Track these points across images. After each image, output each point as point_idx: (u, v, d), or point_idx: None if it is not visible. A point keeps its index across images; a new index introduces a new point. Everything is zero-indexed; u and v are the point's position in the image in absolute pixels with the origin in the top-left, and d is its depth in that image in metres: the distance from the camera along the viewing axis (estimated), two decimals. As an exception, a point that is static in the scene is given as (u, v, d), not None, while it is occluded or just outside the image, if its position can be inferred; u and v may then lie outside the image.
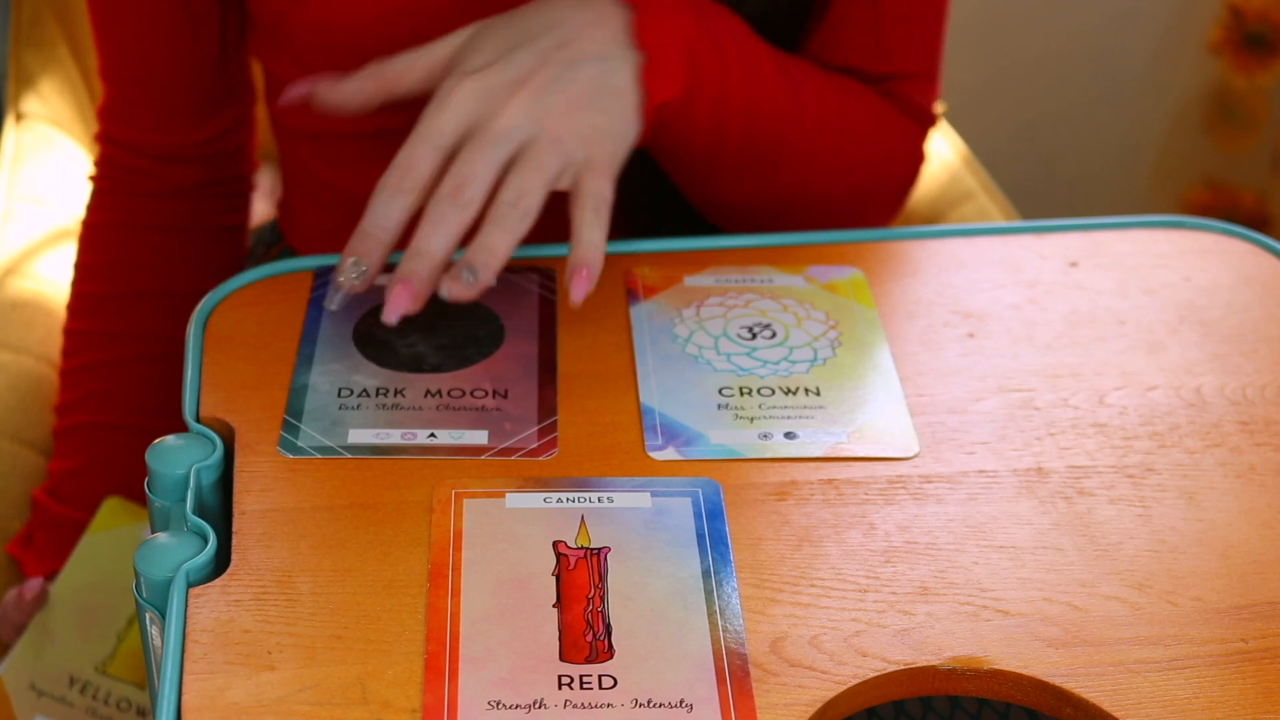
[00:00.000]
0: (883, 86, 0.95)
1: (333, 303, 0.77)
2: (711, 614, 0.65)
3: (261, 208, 1.18)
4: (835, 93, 0.91)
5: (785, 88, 0.88)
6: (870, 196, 0.96)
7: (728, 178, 0.90)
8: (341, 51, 0.89)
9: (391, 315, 0.75)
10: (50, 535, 0.98)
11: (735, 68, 0.85)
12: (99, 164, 1.01)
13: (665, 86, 0.81)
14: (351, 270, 0.76)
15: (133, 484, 0.97)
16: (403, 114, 0.94)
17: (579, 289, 0.75)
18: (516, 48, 0.78)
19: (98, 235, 1.01)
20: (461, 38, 0.80)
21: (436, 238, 0.75)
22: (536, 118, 0.76)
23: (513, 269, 0.84)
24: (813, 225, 0.94)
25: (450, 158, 0.76)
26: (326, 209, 1.00)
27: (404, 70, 0.80)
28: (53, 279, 1.14)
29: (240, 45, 0.98)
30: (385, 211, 0.76)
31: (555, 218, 0.98)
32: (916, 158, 0.98)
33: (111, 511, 0.97)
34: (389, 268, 0.83)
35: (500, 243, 0.75)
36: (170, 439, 0.72)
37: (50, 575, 0.96)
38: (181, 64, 0.96)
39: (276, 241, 1.07)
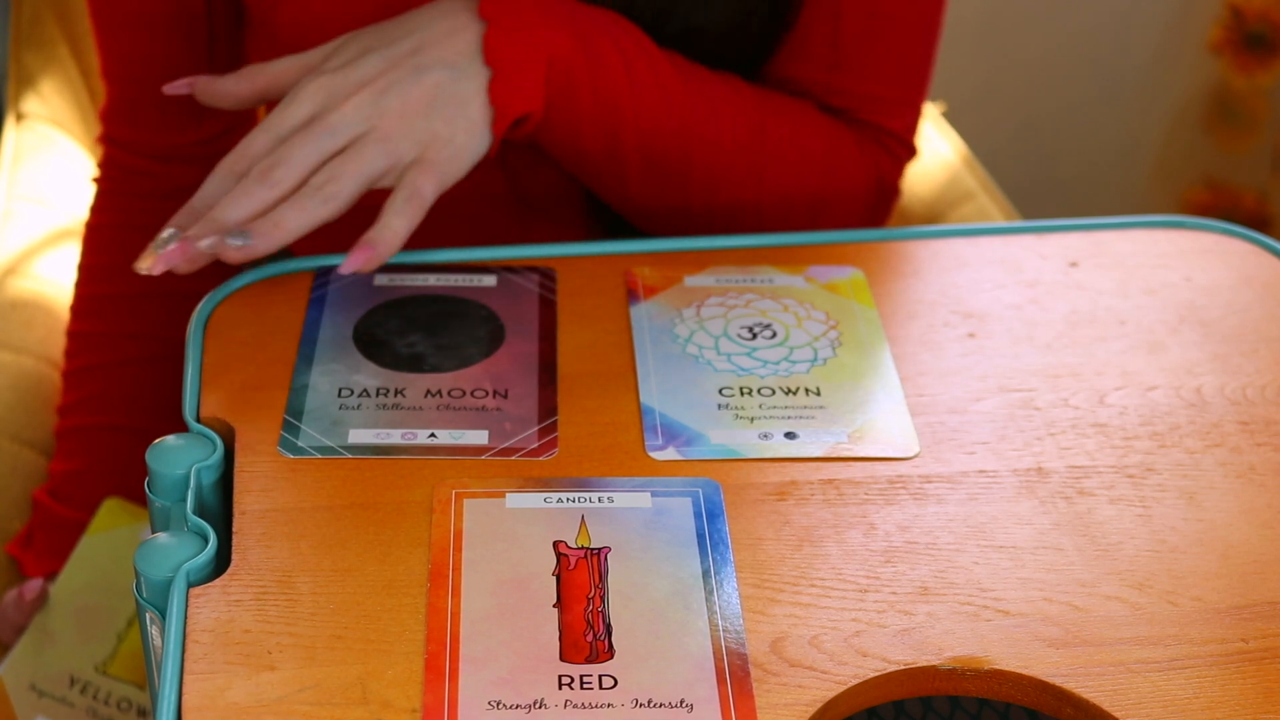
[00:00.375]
0: (849, 113, 0.94)
1: (142, 265, 0.77)
2: (711, 614, 0.65)
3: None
4: (767, 114, 0.91)
5: (696, 104, 0.88)
6: (811, 215, 0.95)
7: (634, 188, 0.90)
8: None
9: (158, 267, 0.75)
10: (51, 535, 0.98)
11: (623, 84, 0.85)
12: (101, 165, 1.02)
13: (518, 102, 0.81)
14: (165, 238, 0.76)
15: (134, 485, 0.97)
16: None
17: (355, 260, 0.76)
18: (372, 51, 0.80)
19: (101, 236, 1.01)
20: (335, 43, 0.83)
21: (231, 209, 0.76)
22: (370, 117, 0.78)
23: (513, 269, 0.84)
24: (745, 231, 0.93)
25: None
26: None
27: (280, 71, 0.83)
28: (53, 279, 1.14)
29: (237, 43, 0.99)
30: (212, 191, 0.78)
31: (555, 219, 0.99)
32: (879, 187, 0.96)
33: (111, 512, 0.97)
34: (391, 267, 0.84)
35: (289, 219, 0.76)
36: (170, 439, 0.72)
37: (50, 576, 0.96)
38: (181, 62, 0.96)
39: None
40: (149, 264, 0.76)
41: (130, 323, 1.00)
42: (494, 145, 0.81)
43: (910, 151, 0.97)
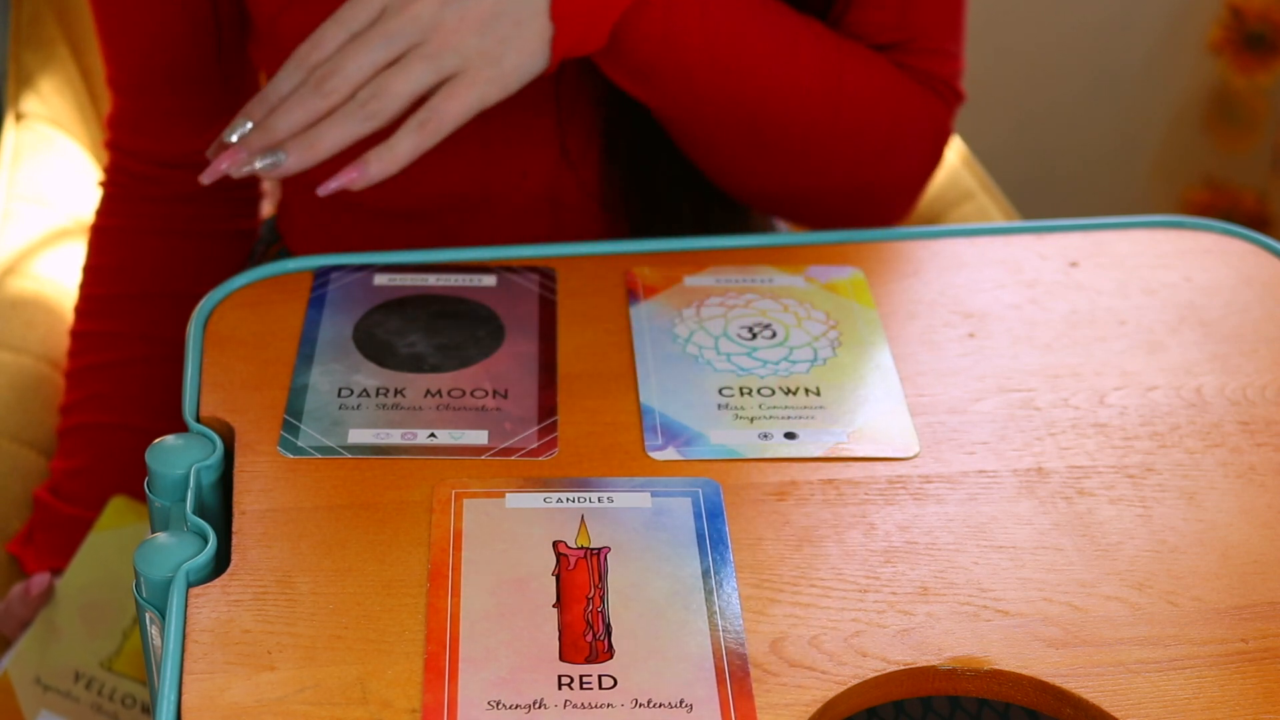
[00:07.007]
0: (903, 59, 0.95)
1: (209, 152, 0.78)
2: (711, 614, 0.65)
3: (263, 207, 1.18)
4: (844, 55, 0.91)
5: (777, 45, 0.87)
6: (881, 157, 0.95)
7: (719, 136, 0.89)
8: None
9: (209, 177, 0.78)
10: (52, 533, 0.98)
11: (696, 15, 0.84)
12: (108, 170, 1.02)
13: (581, 18, 0.80)
14: (238, 125, 0.78)
15: (137, 483, 0.97)
16: None
17: (341, 178, 0.78)
18: None
19: (106, 238, 1.02)
20: None
21: (284, 119, 0.78)
22: (426, 29, 0.78)
23: (513, 269, 0.84)
24: (825, 200, 0.93)
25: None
26: (320, 216, 1.01)
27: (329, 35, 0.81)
28: (53, 279, 1.14)
29: (242, 53, 0.99)
30: (286, 82, 0.79)
31: (557, 218, 0.99)
32: (937, 130, 0.97)
33: (117, 510, 0.97)
34: (391, 267, 0.84)
35: (327, 136, 0.77)
36: (170, 439, 0.72)
37: (55, 571, 0.97)
38: (185, 73, 0.97)
39: (275, 240, 1.07)
40: (212, 151, 0.78)
41: (134, 323, 1.00)
42: (551, 65, 0.81)
43: (959, 97, 0.98)
